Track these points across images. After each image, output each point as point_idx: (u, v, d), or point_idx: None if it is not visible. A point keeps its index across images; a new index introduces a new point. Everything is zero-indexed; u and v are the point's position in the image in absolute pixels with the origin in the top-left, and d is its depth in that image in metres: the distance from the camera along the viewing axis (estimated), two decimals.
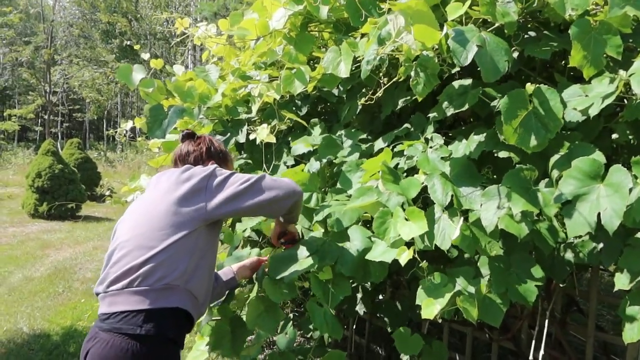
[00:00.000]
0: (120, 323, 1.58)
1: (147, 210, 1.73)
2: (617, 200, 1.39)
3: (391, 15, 1.81)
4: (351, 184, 2.08)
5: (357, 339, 3.65)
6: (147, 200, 1.77)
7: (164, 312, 1.62)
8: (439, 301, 1.67)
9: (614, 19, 1.57)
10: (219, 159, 2.01)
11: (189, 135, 2.07)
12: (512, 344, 2.67)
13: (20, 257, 7.32)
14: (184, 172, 1.75)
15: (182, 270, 1.64)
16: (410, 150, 1.95)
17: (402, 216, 1.73)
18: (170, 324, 1.64)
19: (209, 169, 1.75)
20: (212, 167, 1.77)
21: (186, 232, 1.66)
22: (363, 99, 2.23)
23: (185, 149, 2.00)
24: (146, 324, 1.57)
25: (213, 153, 2.01)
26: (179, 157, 2.01)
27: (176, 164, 2.00)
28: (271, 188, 1.74)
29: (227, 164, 2.05)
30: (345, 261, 1.86)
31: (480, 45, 1.66)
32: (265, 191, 1.73)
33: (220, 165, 1.94)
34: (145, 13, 31.00)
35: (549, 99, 1.60)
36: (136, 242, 1.66)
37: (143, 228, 1.68)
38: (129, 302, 1.59)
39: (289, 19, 2.41)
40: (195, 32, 3.03)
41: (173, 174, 1.78)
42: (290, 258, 1.96)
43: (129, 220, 1.77)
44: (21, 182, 15.41)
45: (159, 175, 1.86)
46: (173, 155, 2.03)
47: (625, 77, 1.51)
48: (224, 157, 2.04)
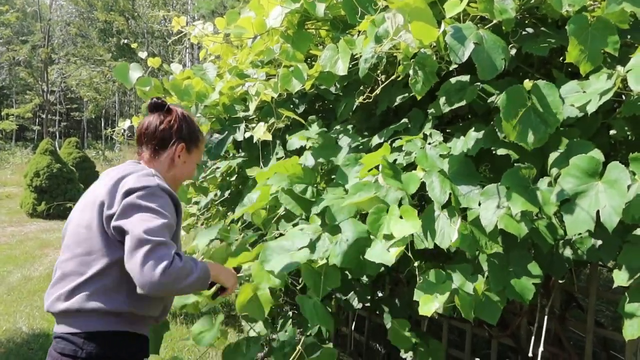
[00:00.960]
0: (63, 344, 1.56)
1: (82, 224, 1.60)
2: (615, 197, 1.39)
3: (389, 13, 1.80)
4: (347, 179, 2.07)
5: (357, 337, 3.66)
6: (85, 211, 1.62)
7: (105, 334, 1.56)
8: (438, 298, 1.67)
9: (611, 15, 1.56)
10: (190, 141, 1.80)
11: (158, 105, 1.79)
12: (512, 341, 2.68)
13: (19, 257, 7.32)
14: (118, 183, 1.57)
15: (120, 296, 1.56)
16: (409, 145, 1.95)
17: (396, 214, 1.72)
18: (112, 344, 1.57)
19: (146, 189, 1.53)
20: (149, 186, 1.54)
21: (117, 255, 1.53)
22: (361, 97, 2.23)
23: (153, 123, 1.76)
24: (87, 346, 1.54)
25: (185, 134, 1.78)
26: (144, 134, 1.77)
27: (140, 141, 1.79)
28: (151, 262, 1.41)
29: (197, 149, 1.85)
30: (337, 253, 1.85)
31: (477, 43, 1.66)
32: (149, 265, 1.41)
33: (189, 149, 1.80)
34: (143, 11, 30.95)
35: (547, 94, 1.59)
36: (71, 266, 1.58)
37: (78, 249, 1.58)
38: (68, 324, 1.56)
39: (286, 16, 2.40)
40: (192, 31, 3.02)
41: (109, 182, 1.59)
42: (283, 248, 1.94)
43: (69, 234, 1.65)
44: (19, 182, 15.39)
45: (107, 172, 1.72)
46: (138, 129, 1.80)
47: (623, 73, 1.51)
48: (195, 139, 1.83)
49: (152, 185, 1.55)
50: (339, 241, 1.87)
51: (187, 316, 4.78)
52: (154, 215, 1.49)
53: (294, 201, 2.12)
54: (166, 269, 1.41)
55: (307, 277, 1.93)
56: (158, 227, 1.46)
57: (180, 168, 1.81)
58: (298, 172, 2.16)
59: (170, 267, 1.42)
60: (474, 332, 2.95)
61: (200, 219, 3.58)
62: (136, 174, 1.60)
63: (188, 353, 3.97)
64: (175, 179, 1.82)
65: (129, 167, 1.67)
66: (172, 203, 1.61)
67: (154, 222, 1.47)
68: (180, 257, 1.49)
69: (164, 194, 1.57)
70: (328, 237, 1.93)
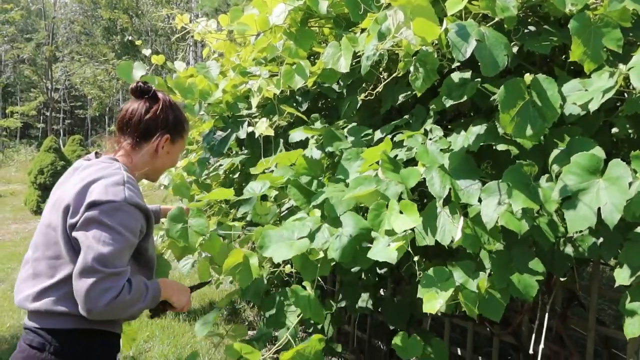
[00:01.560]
0: (32, 336, 1.56)
1: (51, 225, 1.56)
2: (616, 194, 1.39)
3: (390, 11, 1.80)
4: (349, 174, 2.08)
5: (359, 334, 3.66)
6: (52, 210, 1.58)
7: (73, 332, 1.55)
8: (441, 295, 1.68)
9: (614, 13, 1.56)
10: (175, 132, 1.73)
11: (143, 90, 1.70)
12: (513, 338, 2.68)
13: (23, 254, 7.33)
14: (86, 189, 1.52)
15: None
16: (410, 141, 1.95)
17: (396, 209, 1.72)
18: (81, 341, 1.57)
19: (109, 203, 1.47)
20: (114, 201, 1.48)
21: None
22: (363, 94, 2.23)
23: (138, 111, 1.67)
24: (55, 342, 1.54)
25: (170, 125, 1.71)
26: (127, 122, 1.68)
27: (121, 129, 1.70)
28: (97, 291, 1.41)
29: (182, 139, 1.79)
30: (336, 247, 1.86)
31: (479, 40, 1.66)
32: (95, 294, 1.41)
33: (174, 140, 1.74)
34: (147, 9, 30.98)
35: (546, 88, 1.60)
36: (41, 267, 1.57)
37: (47, 251, 1.56)
38: (38, 321, 1.56)
39: (289, 14, 2.41)
40: (196, 28, 3.03)
41: (79, 185, 1.53)
42: (282, 237, 1.94)
43: (38, 232, 1.63)
44: (24, 179, 15.45)
45: (79, 166, 1.65)
46: (120, 115, 1.70)
47: (625, 71, 1.51)
48: (181, 130, 1.76)
49: (117, 200, 1.49)
50: (338, 235, 1.88)
51: (190, 313, 4.79)
52: (111, 236, 1.45)
53: (301, 195, 2.12)
54: (111, 301, 1.41)
55: (297, 262, 1.94)
56: (112, 253, 1.44)
57: (163, 159, 1.76)
58: (304, 163, 2.16)
59: (115, 299, 1.42)
60: (475, 330, 2.96)
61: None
62: (105, 181, 1.53)
63: (191, 350, 3.98)
64: (156, 170, 1.79)
65: (100, 169, 1.59)
66: (141, 215, 1.56)
67: (109, 248, 1.44)
68: (130, 285, 1.48)
69: (130, 208, 1.52)
70: (328, 228, 1.93)
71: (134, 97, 1.71)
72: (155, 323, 4.43)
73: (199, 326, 2.38)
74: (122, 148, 1.72)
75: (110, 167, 1.61)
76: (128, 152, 1.71)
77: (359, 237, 1.85)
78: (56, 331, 1.54)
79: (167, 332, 4.30)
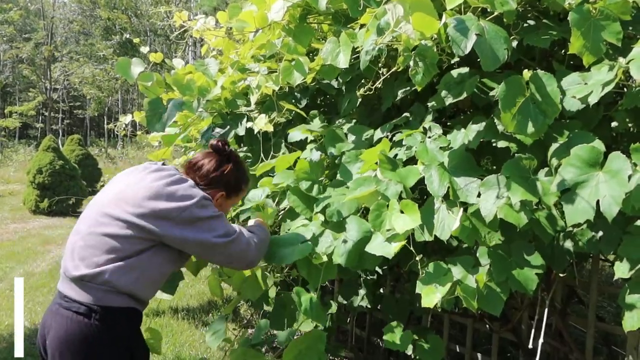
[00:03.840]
0: (75, 307, 1.64)
1: (111, 209, 1.69)
2: (615, 187, 1.39)
3: (390, 5, 1.80)
4: (351, 176, 2.08)
5: (358, 332, 3.66)
6: (117, 197, 1.71)
7: (111, 309, 1.66)
8: (439, 290, 1.67)
9: (613, 6, 1.56)
10: (232, 190, 1.91)
11: (219, 150, 1.90)
12: (513, 335, 2.68)
13: (22, 253, 7.33)
14: (168, 186, 1.69)
15: (131, 279, 1.65)
16: (409, 140, 1.95)
17: (397, 209, 1.72)
18: (117, 317, 1.67)
19: (194, 197, 1.69)
20: (198, 196, 1.69)
21: (143, 246, 1.66)
22: (362, 89, 2.23)
23: (206, 167, 1.85)
24: (95, 315, 1.63)
25: (231, 185, 1.89)
26: (194, 170, 1.86)
27: (188, 171, 1.88)
28: (244, 251, 1.76)
29: (236, 196, 1.96)
30: (342, 252, 1.86)
31: (479, 34, 1.66)
32: (234, 253, 1.75)
33: (228, 196, 1.89)
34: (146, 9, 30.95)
35: (546, 84, 1.59)
36: (95, 241, 1.66)
37: (102, 228, 1.67)
38: (81, 294, 1.64)
39: (287, 10, 2.40)
40: (195, 25, 3.02)
41: (157, 181, 1.70)
42: (286, 242, 1.97)
43: (96, 210, 1.75)
44: (22, 179, 15.43)
45: (145, 169, 1.79)
46: (192, 161, 1.89)
47: (624, 64, 1.51)
48: (238, 189, 1.94)
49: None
50: (343, 240, 1.88)
51: (189, 312, 4.79)
52: None
53: (301, 202, 2.14)
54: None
55: (302, 267, 1.96)
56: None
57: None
58: (305, 167, 2.17)
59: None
60: (475, 327, 2.95)
61: None
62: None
63: (189, 348, 3.97)
64: None
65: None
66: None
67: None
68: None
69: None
70: (331, 233, 1.94)
71: (210, 148, 1.90)
72: (154, 321, 4.42)
73: (210, 337, 2.41)
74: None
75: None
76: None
77: (363, 240, 1.85)
78: (95, 306, 1.65)
79: (165, 331, 4.29)
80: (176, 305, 4.93)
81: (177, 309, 4.81)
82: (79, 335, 1.61)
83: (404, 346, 2.15)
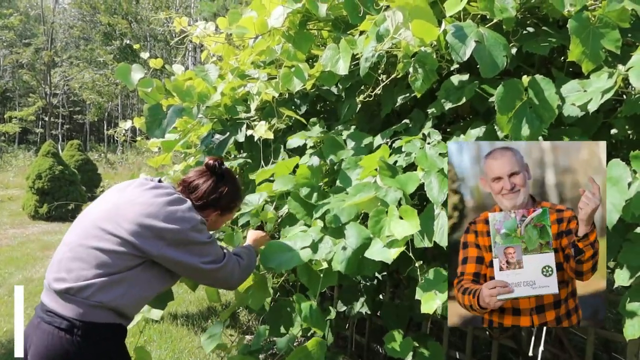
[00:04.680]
0: (57, 322, 1.60)
1: (105, 224, 1.66)
2: (615, 194, 1.39)
3: (389, 12, 1.81)
4: (351, 182, 2.08)
5: (358, 338, 3.65)
6: (113, 212, 1.69)
7: (94, 325, 1.62)
8: (439, 296, 1.67)
9: (612, 14, 1.56)
10: (227, 209, 1.93)
11: (214, 169, 1.90)
12: (513, 342, 2.67)
13: (21, 259, 7.32)
14: (167, 206, 1.68)
15: (118, 295, 1.62)
16: (408, 146, 1.95)
17: (396, 215, 1.72)
18: (100, 333, 1.63)
19: (192, 221, 1.68)
20: (195, 220, 1.69)
21: (133, 263, 1.64)
22: (362, 96, 2.23)
23: (202, 188, 1.86)
24: (78, 330, 1.59)
25: (225, 205, 1.91)
26: (189, 188, 1.87)
27: (183, 188, 1.88)
28: (227, 278, 1.80)
29: (230, 214, 1.99)
30: (341, 260, 1.86)
31: (478, 41, 1.66)
32: (219, 278, 1.79)
33: (222, 215, 1.92)
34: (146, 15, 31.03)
35: (543, 89, 1.60)
36: (84, 254, 1.63)
37: (94, 241, 1.64)
38: (65, 308, 1.60)
39: (287, 17, 2.41)
40: (194, 31, 3.02)
41: (156, 198, 1.69)
42: (284, 248, 1.97)
43: (88, 222, 1.71)
44: (22, 184, 15.42)
45: (142, 185, 1.77)
46: (186, 179, 1.89)
47: (624, 72, 1.51)
48: (233, 207, 1.97)
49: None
50: (342, 247, 1.88)
51: (188, 318, 4.77)
52: None
53: (301, 208, 2.14)
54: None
55: (302, 274, 1.96)
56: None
57: (208, 225, 1.89)
58: (305, 172, 2.17)
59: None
60: (474, 334, 2.94)
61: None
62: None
63: (188, 355, 3.96)
64: None
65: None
66: None
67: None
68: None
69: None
70: (331, 239, 1.94)
71: (206, 167, 1.90)
72: (153, 327, 4.41)
73: (206, 340, 2.39)
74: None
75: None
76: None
77: (363, 247, 1.85)
78: (78, 321, 1.61)
79: (164, 337, 4.27)
80: (175, 312, 4.92)
81: (176, 315, 4.80)
82: (60, 351, 1.58)
83: (404, 353, 2.15)
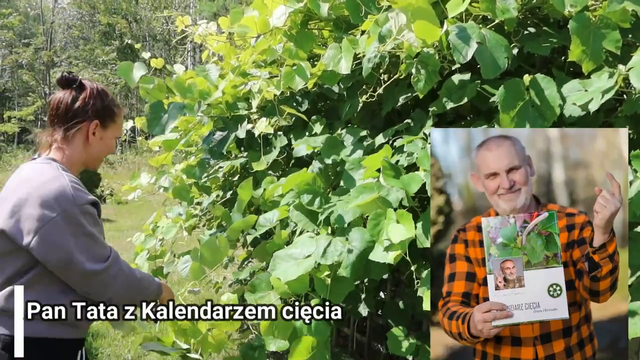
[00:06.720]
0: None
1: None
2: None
3: (392, 13, 1.82)
4: (355, 182, 2.08)
5: (358, 337, 3.65)
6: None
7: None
8: None
9: (613, 14, 1.58)
10: (105, 116, 1.69)
11: (69, 80, 1.66)
12: None
13: None
14: (42, 199, 1.50)
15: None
16: (410, 146, 1.96)
17: (394, 218, 1.73)
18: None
19: (72, 219, 1.53)
20: (77, 221, 1.54)
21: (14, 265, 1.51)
22: (364, 96, 2.24)
23: (64, 101, 1.63)
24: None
25: (99, 110, 1.67)
26: (55, 113, 1.64)
27: (52, 121, 1.66)
28: (107, 284, 1.57)
29: (114, 123, 1.75)
30: (346, 265, 1.86)
31: (480, 42, 1.67)
32: (99, 284, 1.56)
33: (105, 124, 1.70)
34: (145, 14, 31.05)
35: (544, 88, 1.62)
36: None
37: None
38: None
39: (289, 16, 2.42)
40: (196, 30, 3.03)
41: (32, 186, 1.53)
42: (291, 256, 1.95)
43: None
44: None
45: (23, 170, 1.67)
46: (50, 108, 1.67)
47: (624, 72, 1.52)
48: (111, 113, 1.72)
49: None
50: (348, 250, 1.88)
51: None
52: None
53: (304, 216, 2.14)
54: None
55: (319, 286, 1.94)
56: None
57: (97, 146, 1.72)
58: (307, 178, 2.17)
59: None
60: None
61: (202, 220, 3.58)
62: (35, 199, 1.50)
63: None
64: (93, 157, 1.75)
65: (32, 182, 1.57)
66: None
67: None
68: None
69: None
70: (340, 240, 1.93)
71: (60, 87, 1.68)
72: (152, 327, 4.41)
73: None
74: (54, 141, 1.67)
75: (42, 176, 1.59)
76: (61, 144, 1.66)
77: (367, 250, 1.85)
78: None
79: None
80: None
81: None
82: None
83: (407, 351, 2.15)
